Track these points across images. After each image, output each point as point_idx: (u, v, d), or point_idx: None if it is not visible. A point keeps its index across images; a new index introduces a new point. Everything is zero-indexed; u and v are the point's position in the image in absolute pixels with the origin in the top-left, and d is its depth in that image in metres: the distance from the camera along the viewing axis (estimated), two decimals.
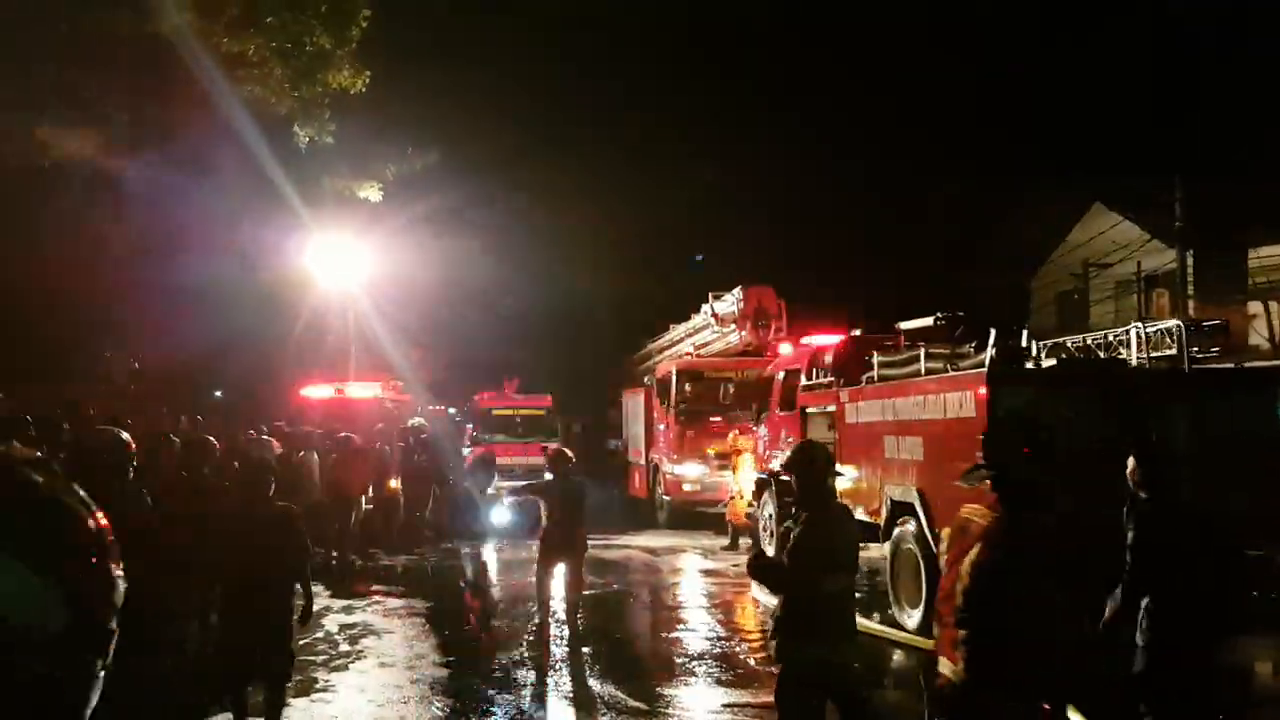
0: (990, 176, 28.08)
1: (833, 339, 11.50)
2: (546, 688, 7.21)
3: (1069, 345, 10.36)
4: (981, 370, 7.75)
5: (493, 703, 6.78)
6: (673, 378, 16.61)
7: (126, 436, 4.56)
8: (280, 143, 11.49)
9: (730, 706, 6.72)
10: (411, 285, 19.59)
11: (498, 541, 14.00)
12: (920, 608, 8.43)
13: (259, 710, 5.31)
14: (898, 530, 8.83)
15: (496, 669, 7.67)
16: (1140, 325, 9.00)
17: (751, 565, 4.62)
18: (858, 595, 4.88)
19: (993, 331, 8.19)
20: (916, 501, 8.45)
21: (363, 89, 11.05)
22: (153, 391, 16.10)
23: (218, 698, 5.60)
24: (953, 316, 9.96)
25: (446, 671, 7.54)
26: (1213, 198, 22.24)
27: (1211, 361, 9.52)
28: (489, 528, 14.26)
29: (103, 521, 3.08)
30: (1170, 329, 9.08)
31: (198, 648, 6.04)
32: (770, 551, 11.26)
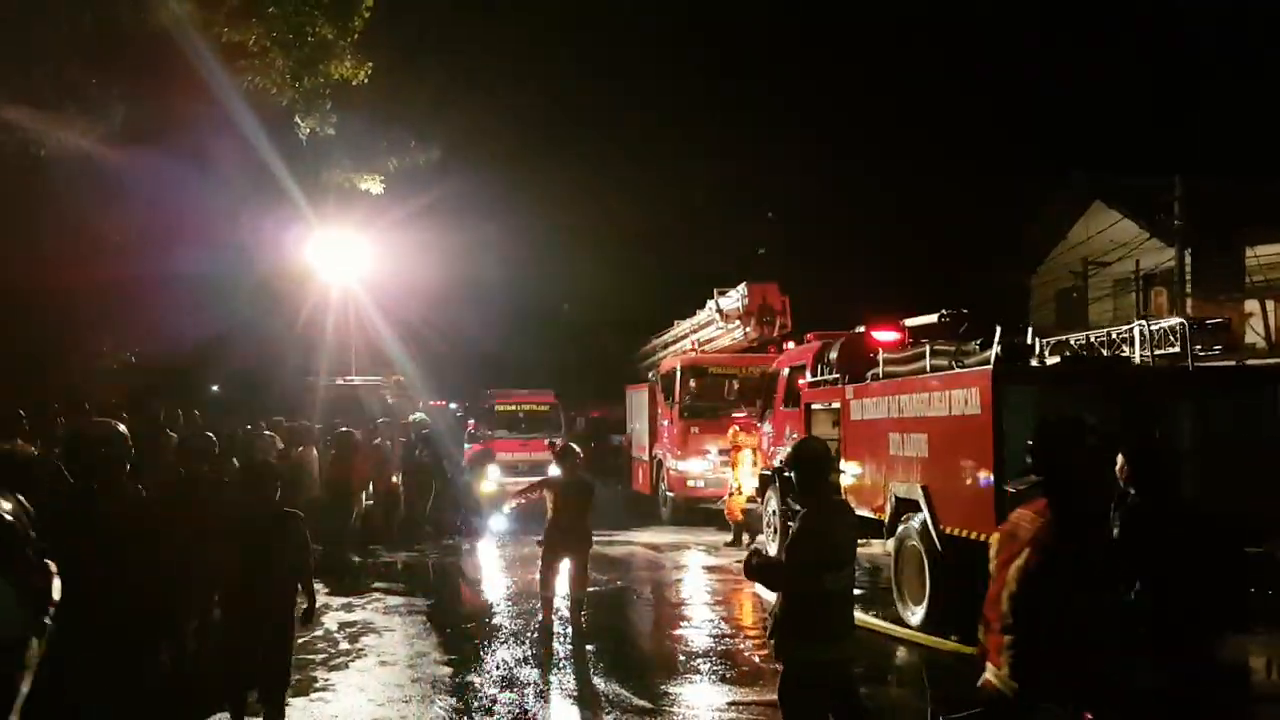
0: (992, 175, 28.13)
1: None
2: (550, 686, 7.17)
3: (1072, 343, 10.35)
4: (987, 367, 7.74)
5: (495, 701, 6.72)
6: (677, 374, 16.54)
7: (124, 429, 4.41)
8: (281, 134, 11.41)
9: (735, 704, 6.69)
10: (413, 279, 19.49)
11: (496, 538, 13.97)
12: (924, 604, 8.42)
13: (256, 712, 5.20)
14: (902, 527, 8.82)
15: (499, 667, 7.62)
16: (1144, 323, 8.99)
17: (748, 566, 4.55)
18: (857, 591, 4.83)
19: (998, 329, 8.17)
20: (921, 498, 8.44)
21: (365, 80, 10.97)
22: (149, 385, 15.99)
23: (217, 698, 5.51)
24: (957, 314, 9.96)
25: (448, 670, 7.47)
26: (1211, 197, 22.29)
27: (1214, 359, 9.52)
28: (483, 527, 14.26)
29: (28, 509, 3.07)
30: (1174, 327, 9.08)
31: (197, 647, 5.96)
32: (773, 548, 11.27)
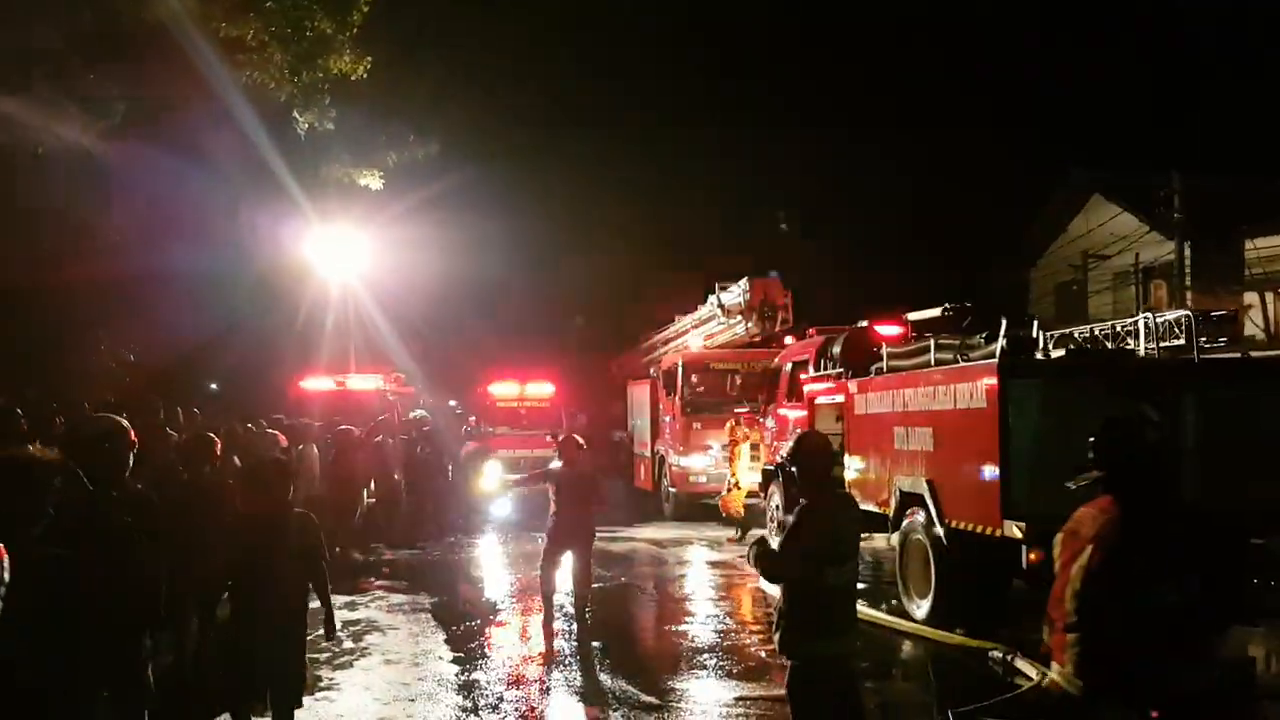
0: (992, 171, 28.10)
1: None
2: (557, 683, 7.13)
3: (1076, 336, 10.30)
4: (993, 361, 7.69)
5: (502, 699, 6.68)
6: (679, 369, 16.50)
7: (126, 424, 4.30)
8: (280, 130, 11.34)
9: (742, 699, 6.66)
10: (413, 275, 19.40)
11: (499, 534, 13.94)
12: (929, 598, 8.40)
13: (262, 713, 4.93)
14: (907, 521, 8.79)
15: (505, 664, 7.60)
16: (1150, 315, 8.94)
17: (751, 552, 4.56)
18: (860, 585, 4.79)
19: (1003, 322, 8.13)
20: (926, 492, 8.40)
21: (364, 75, 10.90)
22: (149, 383, 15.93)
23: (219, 701, 5.17)
24: (961, 307, 9.91)
25: (454, 668, 7.43)
26: (1210, 190, 22.31)
27: (1218, 352, 9.48)
28: (482, 519, 14.21)
29: None
30: (1179, 319, 9.03)
31: (197, 647, 5.76)
32: (775, 544, 11.22)
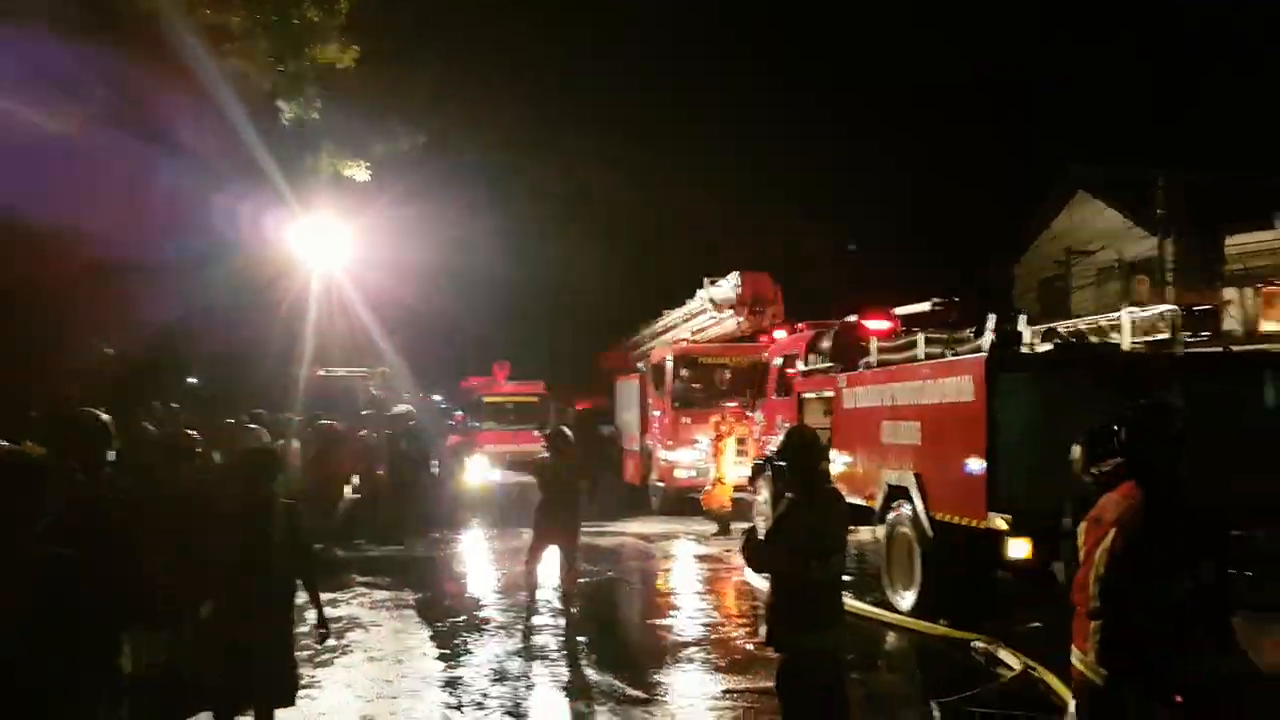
0: (978, 167, 28.27)
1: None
2: (543, 678, 7.08)
3: (1061, 330, 10.34)
4: (981, 354, 7.72)
5: (488, 695, 6.62)
6: (668, 363, 16.45)
7: (106, 418, 4.21)
8: (265, 119, 11.21)
9: (730, 693, 6.64)
10: (401, 269, 19.26)
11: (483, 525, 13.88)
12: (914, 590, 8.43)
13: (246, 711, 4.73)
14: (893, 514, 8.81)
15: (490, 660, 7.52)
16: (1136, 309, 8.98)
17: (744, 547, 4.57)
18: (845, 578, 4.81)
19: (992, 316, 8.15)
20: (913, 485, 8.43)
21: (351, 65, 10.81)
22: (128, 378, 15.73)
23: (201, 698, 4.85)
24: (949, 302, 9.94)
25: (438, 664, 7.35)
26: (1192, 187, 22.51)
27: (1200, 346, 9.53)
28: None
29: None
30: (1163, 314, 9.07)
31: (170, 644, 5.56)
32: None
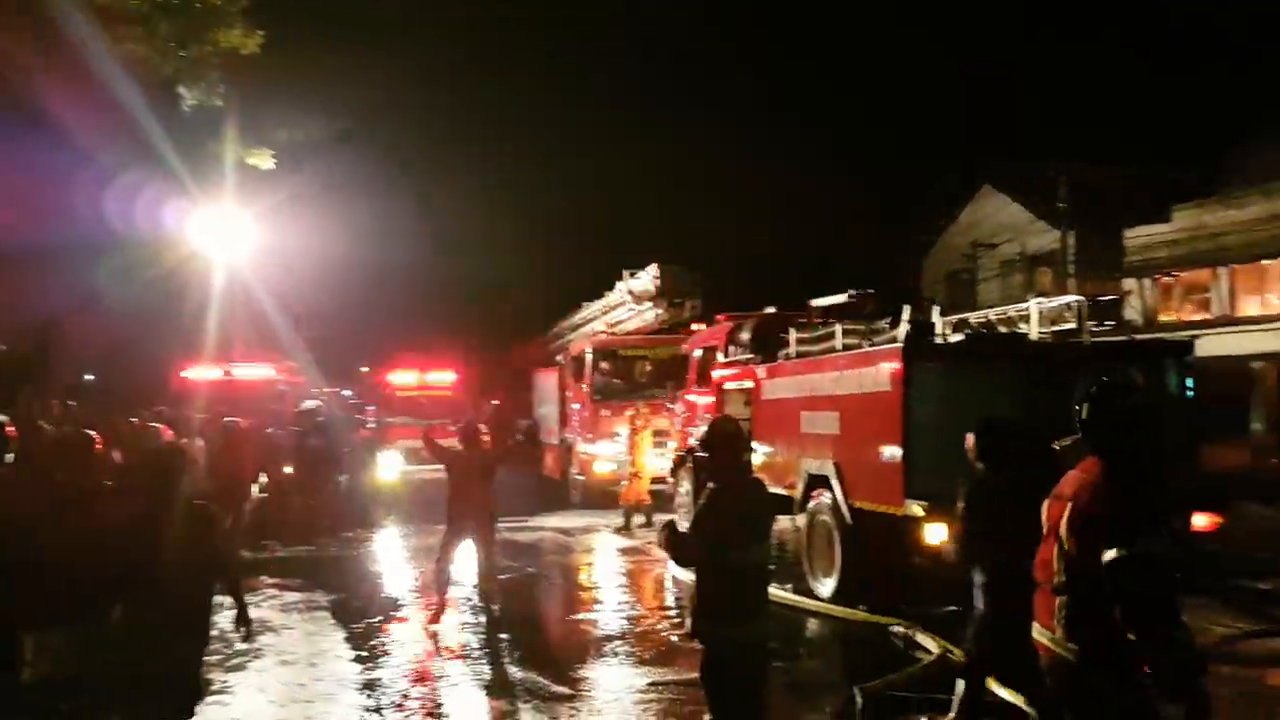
0: (884, 162, 28.91)
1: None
2: (464, 677, 6.93)
3: (971, 321, 10.59)
4: (898, 345, 7.83)
5: (408, 696, 6.46)
6: (587, 356, 16.27)
7: (3, 418, 3.99)
8: (164, 106, 10.70)
9: (654, 685, 6.60)
10: (308, 260, 18.70)
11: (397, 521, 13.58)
12: (834, 576, 8.55)
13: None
14: (813, 502, 8.91)
15: (408, 661, 7.35)
16: (1044, 300, 9.25)
17: (662, 539, 4.55)
18: (771, 568, 4.83)
19: (906, 307, 8.29)
20: (832, 474, 8.53)
21: (256, 50, 10.39)
22: (18, 374, 14.91)
23: (107, 704, 4.57)
24: (864, 293, 10.08)
25: (354, 666, 7.14)
26: (1092, 182, 23.44)
27: (1104, 335, 9.90)
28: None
29: None
30: (1070, 304, 9.36)
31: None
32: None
